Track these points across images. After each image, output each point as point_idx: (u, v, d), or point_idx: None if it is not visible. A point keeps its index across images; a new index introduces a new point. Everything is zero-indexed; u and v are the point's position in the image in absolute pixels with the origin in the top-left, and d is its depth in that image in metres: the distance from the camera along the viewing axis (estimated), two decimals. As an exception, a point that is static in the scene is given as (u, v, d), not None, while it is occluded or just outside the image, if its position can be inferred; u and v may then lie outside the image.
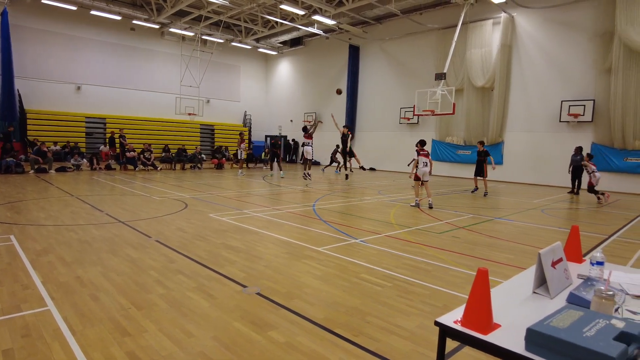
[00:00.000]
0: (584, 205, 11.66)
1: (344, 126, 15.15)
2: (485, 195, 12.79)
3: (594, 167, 12.35)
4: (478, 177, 13.14)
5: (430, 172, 10.15)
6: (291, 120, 29.46)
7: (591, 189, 12.35)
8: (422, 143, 10.24)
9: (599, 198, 12.12)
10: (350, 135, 14.91)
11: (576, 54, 16.23)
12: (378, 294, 4.04)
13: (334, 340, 3.06)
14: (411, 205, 9.99)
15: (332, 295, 3.98)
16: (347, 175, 14.86)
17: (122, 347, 2.84)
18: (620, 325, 1.33)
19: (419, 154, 10.10)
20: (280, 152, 19.23)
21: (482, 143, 13.26)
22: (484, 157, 12.83)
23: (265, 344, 2.97)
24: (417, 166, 10.11)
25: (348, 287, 4.21)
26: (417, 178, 10.10)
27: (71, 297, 3.70)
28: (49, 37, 21.18)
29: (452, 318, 1.60)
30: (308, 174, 13.74)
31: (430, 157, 10.16)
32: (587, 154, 13.22)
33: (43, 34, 20.99)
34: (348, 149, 15.57)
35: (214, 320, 3.32)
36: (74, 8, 20.75)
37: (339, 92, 16.66)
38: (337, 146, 20.79)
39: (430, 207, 9.71)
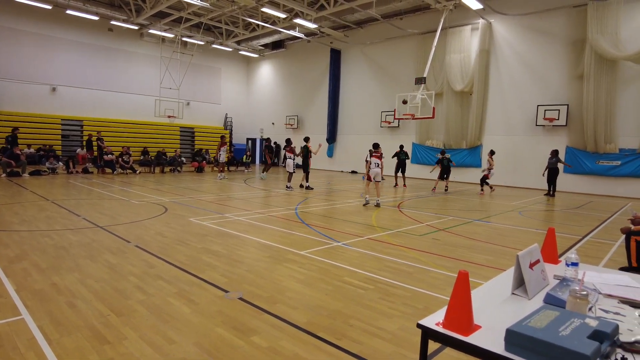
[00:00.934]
0: (559, 207, 12.00)
1: (305, 138, 14.25)
2: (434, 191, 14.57)
3: (493, 164, 14.51)
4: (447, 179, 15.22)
5: (382, 173, 10.75)
6: (273, 123, 29.39)
7: (483, 180, 14.58)
8: (374, 146, 10.87)
9: (490, 187, 14.56)
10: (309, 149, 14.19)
11: (551, 60, 16.74)
12: (360, 296, 4.06)
13: (317, 344, 3.07)
14: (363, 205, 10.47)
15: (315, 298, 3.98)
16: (306, 186, 13.98)
17: (101, 356, 2.78)
18: (593, 324, 1.38)
19: (371, 155, 10.68)
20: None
21: (442, 152, 15.38)
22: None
23: (248, 349, 2.95)
24: (369, 167, 10.65)
25: (331, 290, 4.22)
26: (368, 178, 10.71)
27: (47, 305, 3.59)
28: (23, 37, 20.57)
29: (434, 320, 1.63)
30: (289, 186, 13.63)
31: (382, 158, 10.75)
32: (490, 150, 14.71)
33: (17, 33, 20.37)
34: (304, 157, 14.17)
35: (196, 326, 3.28)
36: (49, 7, 20.21)
37: (404, 102, 17.77)
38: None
39: (378, 206, 10.36)
